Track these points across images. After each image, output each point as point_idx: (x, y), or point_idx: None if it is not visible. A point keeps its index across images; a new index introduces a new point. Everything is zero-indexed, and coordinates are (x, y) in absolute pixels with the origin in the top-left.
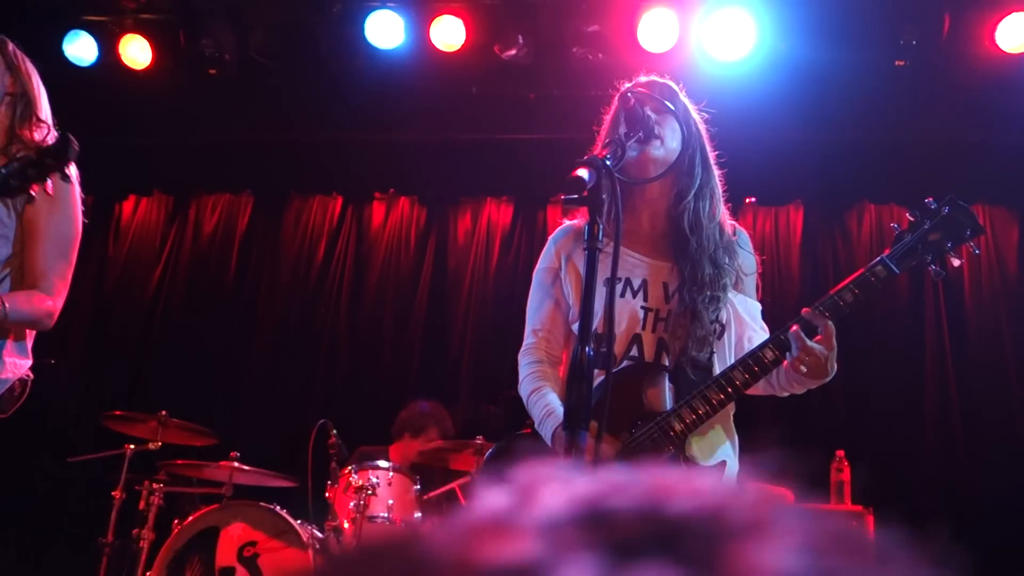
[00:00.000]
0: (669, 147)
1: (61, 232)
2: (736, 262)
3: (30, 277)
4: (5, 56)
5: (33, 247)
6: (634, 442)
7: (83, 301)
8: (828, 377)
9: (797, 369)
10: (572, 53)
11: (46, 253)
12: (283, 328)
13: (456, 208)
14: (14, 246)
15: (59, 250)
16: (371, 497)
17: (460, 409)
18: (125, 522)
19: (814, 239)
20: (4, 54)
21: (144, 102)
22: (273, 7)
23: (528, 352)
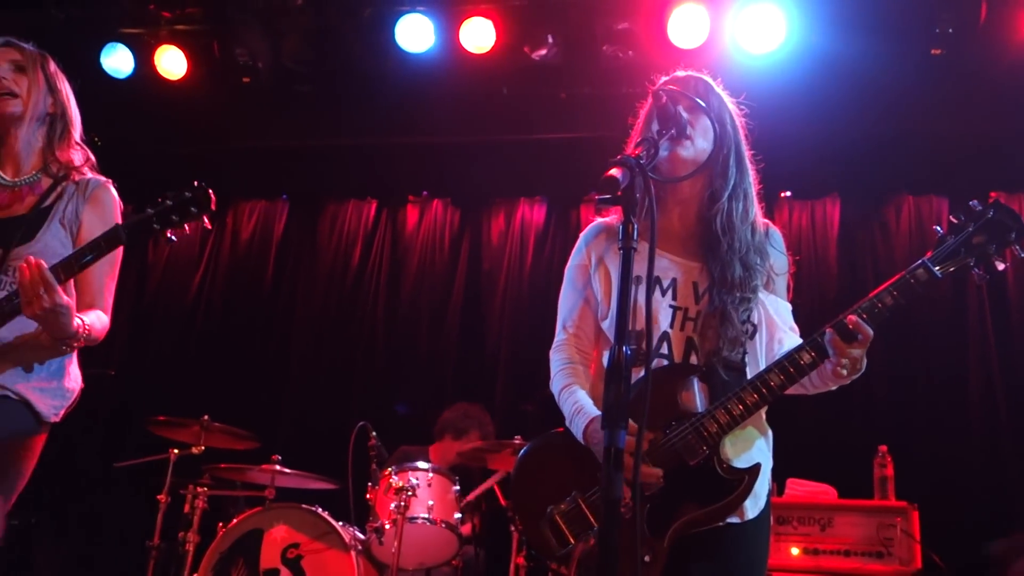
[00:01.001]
0: (699, 147)
1: (110, 256)
2: (767, 263)
3: (87, 296)
4: (47, 76)
5: (89, 271)
6: (668, 443)
7: (124, 308)
8: (859, 374)
9: (837, 374)
10: (602, 51)
11: (101, 274)
12: (321, 331)
13: (490, 209)
14: None
15: (110, 269)
16: (411, 498)
17: (497, 409)
18: (171, 525)
19: (852, 233)
20: (46, 74)
21: (180, 111)
22: (304, 15)
23: (559, 349)
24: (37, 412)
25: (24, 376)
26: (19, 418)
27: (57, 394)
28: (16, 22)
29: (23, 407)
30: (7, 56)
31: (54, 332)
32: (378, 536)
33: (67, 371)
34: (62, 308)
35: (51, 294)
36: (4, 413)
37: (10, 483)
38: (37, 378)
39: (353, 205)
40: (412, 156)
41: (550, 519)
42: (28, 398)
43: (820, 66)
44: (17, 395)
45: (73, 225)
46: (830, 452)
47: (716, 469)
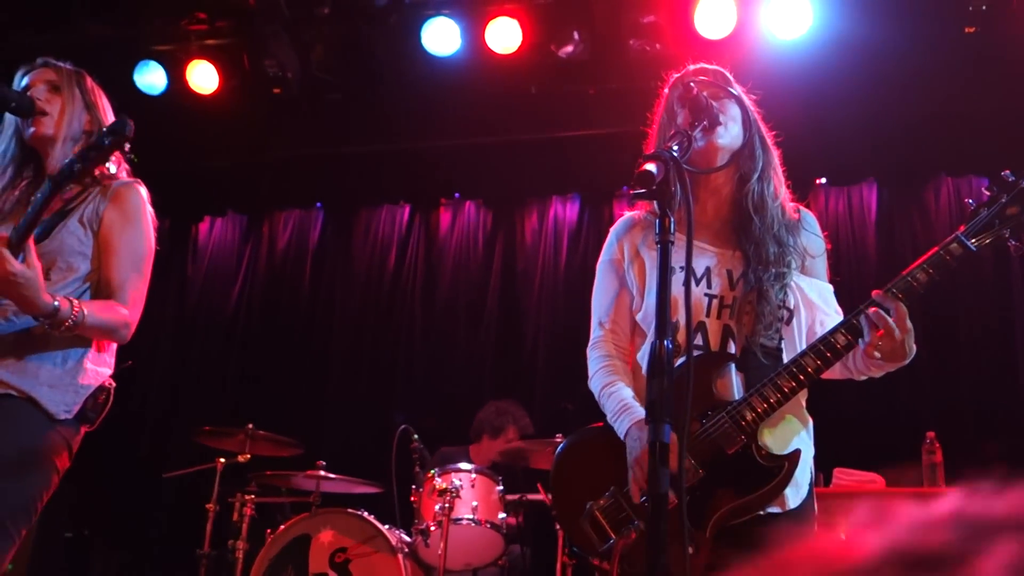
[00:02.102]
0: (733, 133)
1: (134, 248)
2: (800, 243)
3: (106, 290)
4: (83, 93)
5: (108, 262)
6: (705, 433)
7: (166, 321)
8: (907, 360)
9: (871, 354)
10: (629, 46)
11: (121, 267)
12: (359, 337)
13: (522, 209)
14: (91, 262)
15: (133, 265)
16: (455, 499)
17: (537, 408)
18: (220, 533)
19: (890, 217)
20: (82, 91)
21: (213, 125)
22: (331, 23)
23: (597, 346)
24: (44, 409)
25: (30, 372)
26: (27, 418)
27: (68, 390)
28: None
29: (28, 405)
30: (43, 77)
31: (22, 306)
32: (424, 538)
33: (83, 368)
34: (16, 276)
35: (1, 262)
36: (9, 414)
37: (31, 489)
38: (46, 374)
39: (386, 210)
40: (443, 159)
41: (590, 515)
42: (33, 395)
43: (850, 49)
44: (21, 392)
45: (93, 223)
46: (877, 441)
47: (755, 457)
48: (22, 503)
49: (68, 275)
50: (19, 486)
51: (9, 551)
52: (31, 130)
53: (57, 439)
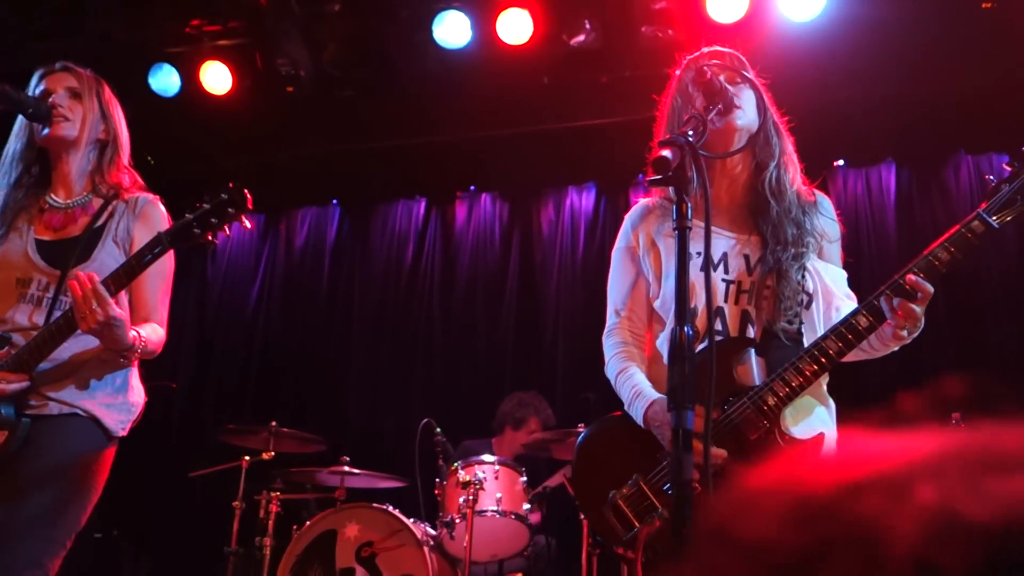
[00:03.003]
0: (750, 116)
1: (162, 269)
2: (818, 226)
3: (143, 311)
4: (101, 103)
5: (142, 285)
6: (727, 419)
7: (188, 323)
8: (918, 332)
9: (898, 335)
10: (641, 32)
11: (152, 288)
12: (379, 332)
13: (538, 199)
14: None
15: (162, 283)
16: (479, 491)
17: (559, 399)
18: (247, 530)
19: (910, 197)
20: (100, 101)
21: (227, 126)
22: (342, 20)
23: (612, 333)
24: (105, 428)
25: (90, 393)
26: (90, 435)
27: (123, 409)
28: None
29: (92, 424)
30: (64, 82)
31: (111, 344)
32: (449, 531)
33: (131, 385)
34: (116, 320)
35: (104, 307)
36: (75, 430)
37: (84, 498)
38: (103, 394)
39: (402, 205)
40: (458, 152)
41: (613, 504)
42: (96, 414)
43: (865, 29)
44: (86, 412)
45: (125, 243)
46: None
47: (778, 442)
48: (79, 514)
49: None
50: (80, 499)
51: (60, 556)
52: (46, 131)
53: (109, 455)
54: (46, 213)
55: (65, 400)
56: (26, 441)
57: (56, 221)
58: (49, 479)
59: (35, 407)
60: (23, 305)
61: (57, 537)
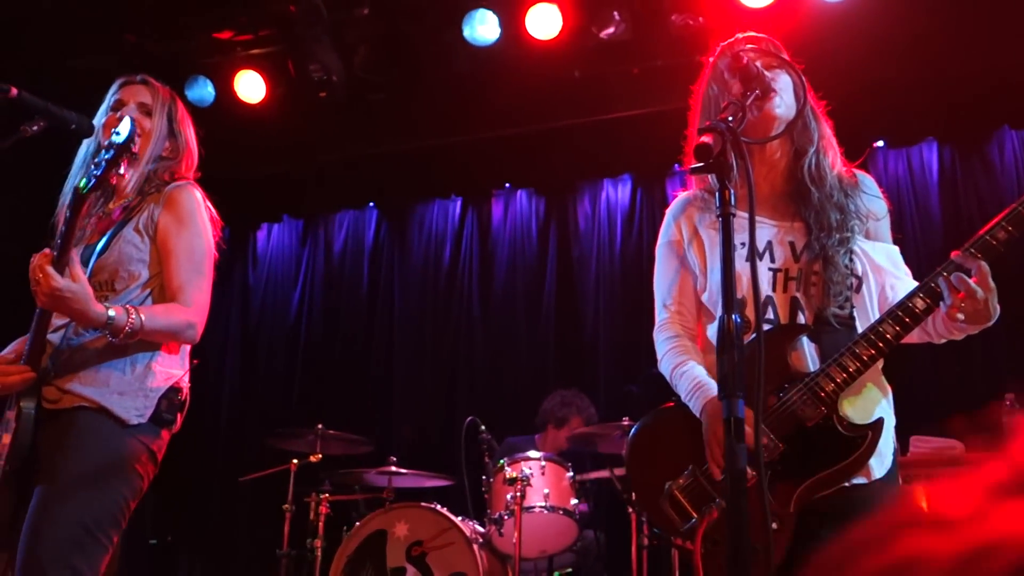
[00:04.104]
0: (788, 102)
1: (192, 248)
2: (862, 207)
3: (169, 293)
4: (172, 121)
5: (168, 265)
6: (783, 406)
7: (232, 329)
8: (991, 321)
9: (953, 317)
10: (671, 21)
11: (180, 269)
12: (420, 332)
13: (574, 194)
14: (151, 268)
15: (192, 265)
16: (527, 487)
17: (602, 392)
18: (298, 533)
19: (953, 176)
20: (171, 119)
21: (262, 134)
22: (371, 23)
23: (663, 328)
24: (117, 417)
25: (102, 382)
26: (102, 428)
27: (138, 395)
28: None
29: (101, 415)
30: (138, 96)
31: (75, 319)
32: (498, 528)
33: (152, 371)
34: (62, 291)
35: (45, 279)
36: (85, 425)
37: (109, 494)
38: (116, 382)
39: (438, 205)
40: (491, 149)
41: (669, 495)
42: (104, 404)
43: (898, 5)
44: (93, 403)
45: (149, 228)
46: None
47: (836, 428)
48: (108, 510)
49: (131, 283)
50: (102, 494)
51: (103, 557)
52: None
53: (135, 445)
54: (101, 222)
55: (75, 392)
56: (45, 439)
57: (102, 226)
58: (64, 477)
59: (52, 402)
60: None
61: (87, 538)
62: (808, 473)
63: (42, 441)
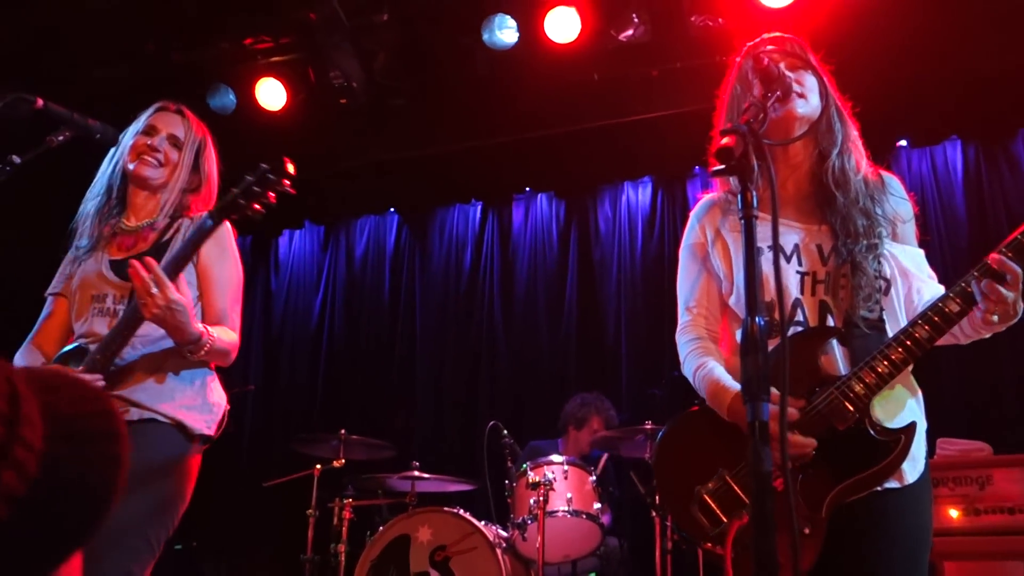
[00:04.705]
0: (812, 102)
1: (230, 276)
2: (889, 210)
3: (213, 318)
4: (199, 159)
5: (210, 292)
6: (813, 410)
7: (255, 335)
8: (1015, 319)
9: (988, 321)
10: (690, 23)
11: (223, 296)
12: (442, 337)
13: (594, 197)
14: (195, 290)
15: (232, 293)
16: (550, 492)
17: (624, 396)
18: (321, 537)
19: (978, 175)
20: (199, 157)
21: (283, 141)
22: (391, 29)
23: (686, 330)
24: (189, 431)
25: (169, 395)
26: (172, 440)
27: (204, 409)
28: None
29: (174, 429)
30: (171, 127)
31: (176, 335)
32: (521, 532)
33: (209, 386)
34: (177, 304)
35: (163, 290)
36: (157, 436)
37: (171, 505)
38: (182, 396)
39: (459, 209)
40: (511, 153)
41: (699, 499)
42: (178, 418)
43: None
44: (167, 417)
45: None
46: (979, 407)
47: (869, 431)
48: (166, 521)
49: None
50: (166, 505)
51: (151, 563)
52: (132, 166)
53: (195, 457)
54: (118, 236)
55: (144, 404)
56: None
57: (126, 242)
58: (134, 488)
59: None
60: (99, 317)
61: (145, 546)
62: (841, 477)
63: None
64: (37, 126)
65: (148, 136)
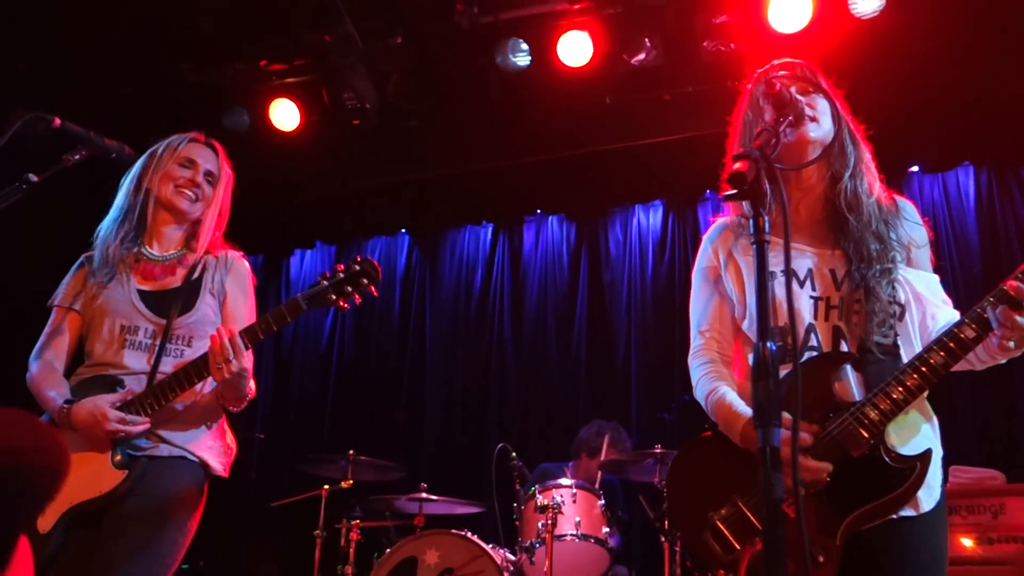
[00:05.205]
0: (825, 127)
1: (248, 316)
2: (903, 235)
3: None
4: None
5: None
6: (828, 436)
7: (265, 356)
8: None
9: (1004, 347)
10: (702, 48)
11: None
12: (451, 358)
13: (605, 220)
14: None
15: None
16: (558, 515)
17: (634, 420)
18: (329, 558)
19: (990, 201)
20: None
21: (296, 161)
22: (404, 51)
23: (698, 354)
24: (211, 469)
25: (196, 436)
26: (194, 476)
27: (222, 451)
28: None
29: (198, 466)
30: (208, 163)
31: (233, 394)
32: (529, 556)
33: (225, 429)
34: (246, 372)
35: (240, 359)
36: (182, 472)
37: (183, 535)
38: (206, 437)
39: (470, 231)
40: (523, 176)
41: (711, 526)
42: (203, 457)
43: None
44: (194, 455)
45: (219, 295)
46: (993, 435)
47: (883, 458)
48: (178, 550)
49: (206, 343)
50: (179, 535)
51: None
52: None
53: (205, 494)
54: (142, 263)
55: (176, 442)
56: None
57: (155, 272)
58: (153, 517)
59: (146, 448)
60: (132, 351)
61: (157, 572)
62: (855, 505)
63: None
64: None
65: (186, 169)
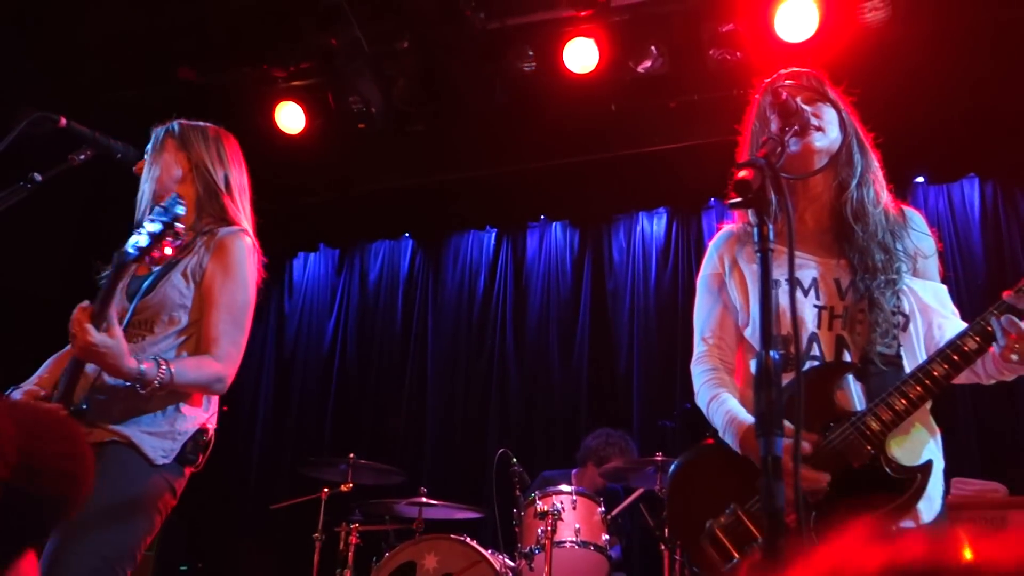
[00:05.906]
0: (831, 137)
1: (234, 300)
2: (910, 245)
3: (204, 343)
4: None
5: (208, 315)
6: (829, 445)
7: (267, 358)
8: None
9: (1008, 359)
10: (708, 56)
11: (220, 321)
12: (453, 363)
13: (609, 227)
14: (191, 315)
15: (232, 317)
16: (558, 522)
17: (635, 427)
18: (327, 562)
19: (996, 212)
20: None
21: (301, 163)
22: (410, 56)
23: (701, 360)
24: (145, 455)
25: (133, 421)
26: (128, 462)
27: (167, 437)
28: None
29: (130, 450)
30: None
31: (107, 371)
32: (528, 562)
33: (181, 414)
34: (97, 347)
35: (82, 333)
36: (112, 458)
37: (130, 527)
38: (148, 422)
39: (473, 236)
40: (527, 182)
41: (710, 534)
42: (134, 440)
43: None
44: (124, 439)
45: (196, 274)
46: (995, 447)
47: (884, 469)
48: (128, 545)
49: (169, 328)
50: (125, 529)
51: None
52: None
53: (160, 483)
54: None
55: (107, 427)
56: None
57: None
58: (90, 509)
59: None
60: None
61: (103, 570)
62: (855, 515)
63: None
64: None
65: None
